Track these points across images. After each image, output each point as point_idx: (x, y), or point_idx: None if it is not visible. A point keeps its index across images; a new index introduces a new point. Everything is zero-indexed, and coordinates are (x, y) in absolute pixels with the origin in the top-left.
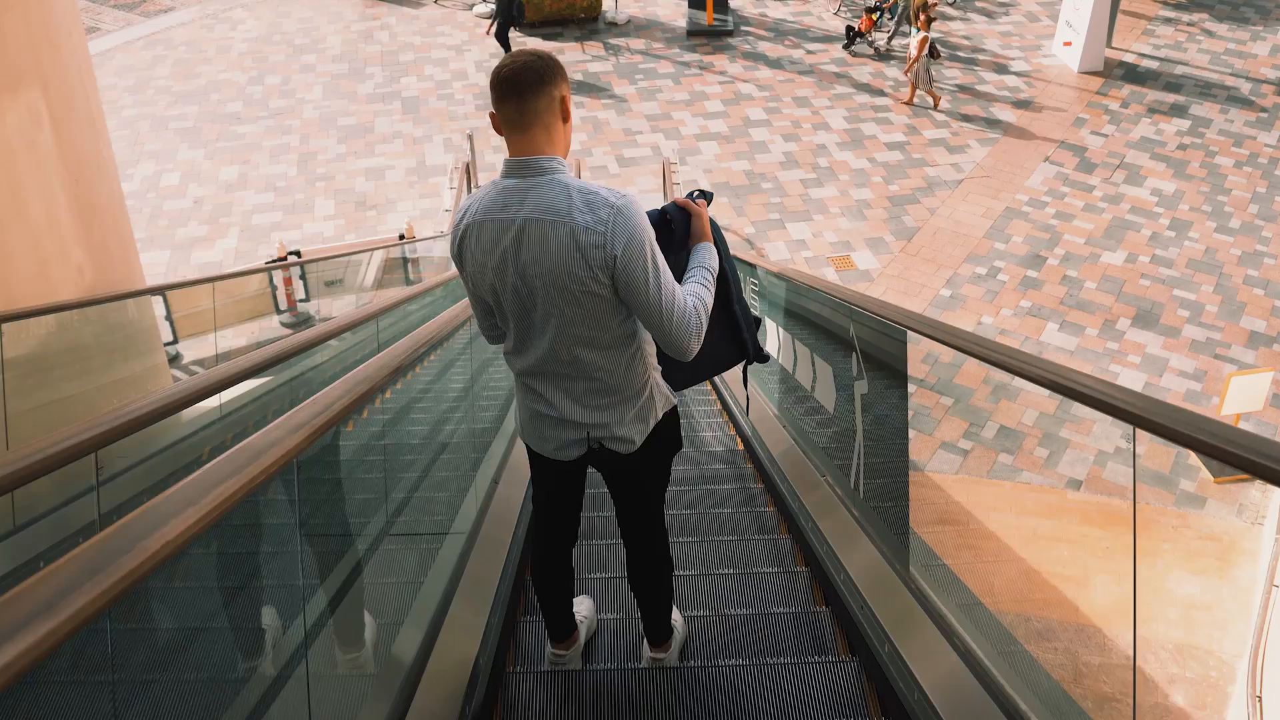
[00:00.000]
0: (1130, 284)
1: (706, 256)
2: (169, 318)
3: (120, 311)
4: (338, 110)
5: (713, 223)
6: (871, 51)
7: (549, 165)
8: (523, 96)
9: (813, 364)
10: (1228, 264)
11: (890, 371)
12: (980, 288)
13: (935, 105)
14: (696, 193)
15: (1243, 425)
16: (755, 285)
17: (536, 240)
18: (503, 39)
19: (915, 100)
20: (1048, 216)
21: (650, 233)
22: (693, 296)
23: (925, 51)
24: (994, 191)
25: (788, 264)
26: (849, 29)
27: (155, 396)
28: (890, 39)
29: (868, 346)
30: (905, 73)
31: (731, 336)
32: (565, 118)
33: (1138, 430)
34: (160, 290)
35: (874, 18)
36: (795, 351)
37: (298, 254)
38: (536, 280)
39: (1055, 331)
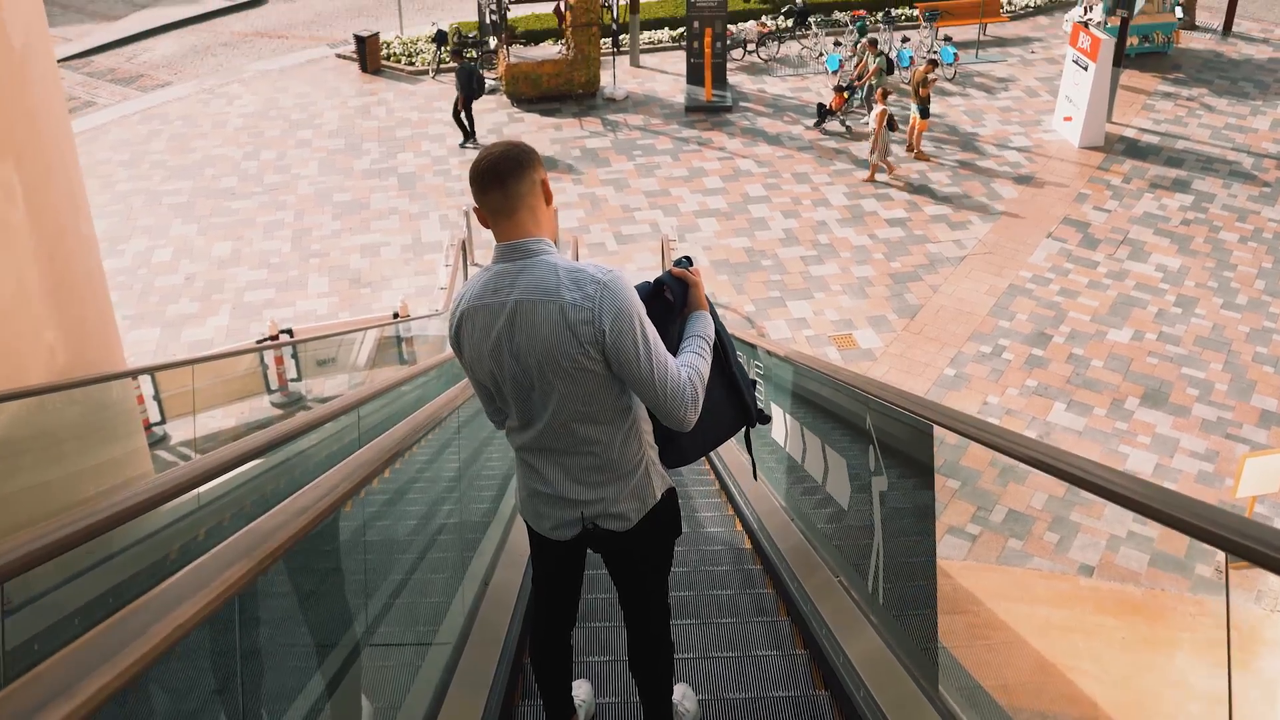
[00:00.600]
0: (1138, 362)
1: (702, 325)
2: (157, 397)
3: (98, 393)
4: (333, 186)
5: None
6: (843, 130)
7: (537, 247)
8: (505, 183)
9: (824, 454)
10: (1236, 341)
11: (914, 468)
12: (985, 367)
13: (889, 173)
14: (685, 260)
15: (1259, 508)
16: (759, 368)
17: (528, 320)
18: (467, 113)
19: (877, 178)
20: (1052, 293)
21: (639, 306)
22: (688, 368)
23: (884, 125)
24: (997, 268)
25: (788, 343)
26: (820, 106)
27: (118, 499)
28: (844, 120)
29: (887, 438)
30: (870, 152)
31: (732, 400)
32: (548, 200)
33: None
34: (135, 373)
35: (845, 96)
36: (804, 440)
37: (290, 332)
38: (531, 360)
39: (1063, 411)
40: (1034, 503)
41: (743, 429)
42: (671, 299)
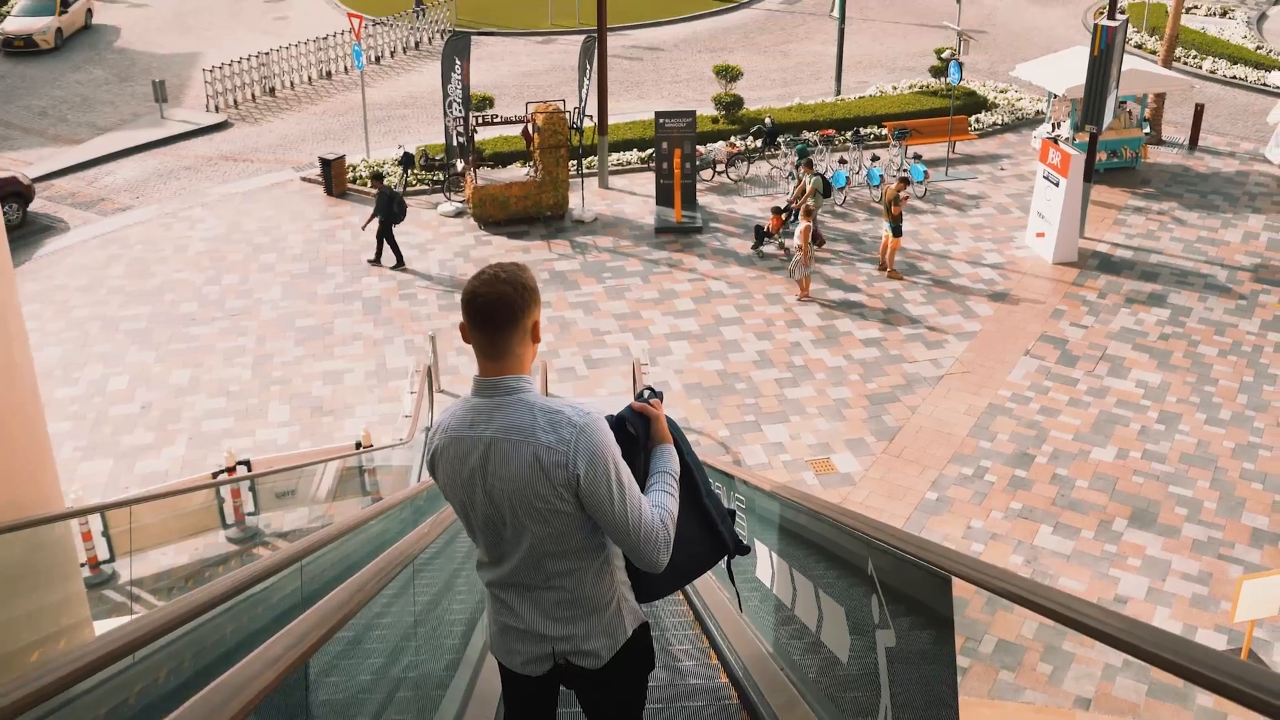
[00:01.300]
0: (1123, 481)
1: (668, 460)
2: (105, 534)
3: (31, 535)
4: (296, 311)
5: (669, 419)
6: (782, 252)
7: (516, 385)
8: (495, 331)
9: (817, 600)
10: (1222, 457)
11: (928, 623)
12: (968, 489)
13: (802, 292)
14: (646, 392)
15: (1259, 632)
16: (740, 501)
17: (502, 460)
18: (388, 237)
19: (809, 294)
20: (1032, 412)
21: (614, 449)
22: (659, 509)
23: (809, 239)
24: (976, 387)
25: (765, 469)
26: (758, 229)
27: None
28: (783, 242)
29: (894, 588)
30: (804, 263)
31: (708, 533)
32: (535, 340)
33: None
34: (69, 516)
35: (782, 218)
36: (794, 583)
37: (247, 464)
38: (503, 499)
39: (1049, 535)
40: (1024, 631)
41: (722, 560)
42: (635, 433)
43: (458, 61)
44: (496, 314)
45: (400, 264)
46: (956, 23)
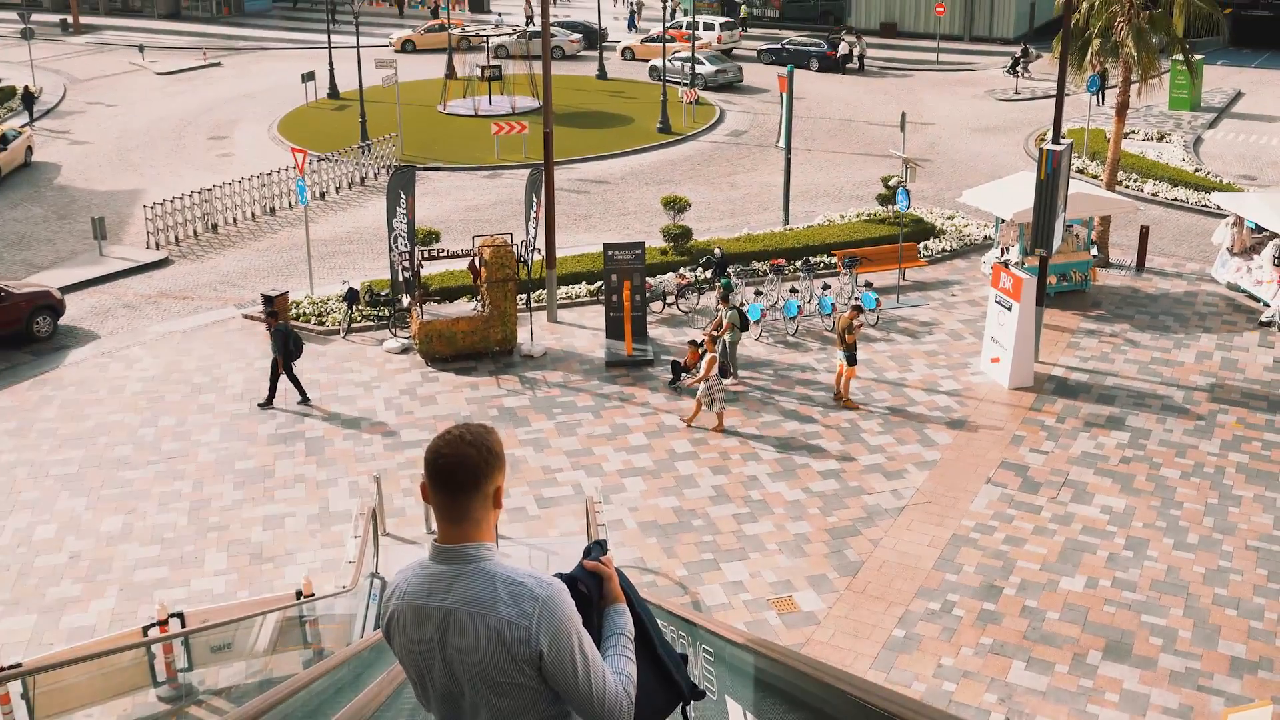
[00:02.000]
0: (1095, 611)
1: (622, 621)
2: (25, 697)
3: None
4: (235, 453)
5: (618, 570)
6: (693, 381)
7: (476, 553)
8: (455, 495)
9: None
10: (1194, 584)
11: None
12: (935, 625)
13: (718, 425)
14: (596, 549)
15: None
16: (708, 654)
17: (461, 633)
18: (288, 374)
19: (695, 423)
20: (998, 542)
21: (577, 621)
22: (621, 675)
23: (715, 371)
24: (938, 518)
25: (725, 609)
26: (674, 364)
27: None
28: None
29: None
30: (713, 396)
31: (663, 683)
32: (497, 505)
33: None
34: None
35: (700, 351)
36: None
37: (181, 616)
38: (462, 673)
39: (1022, 670)
40: None
41: (679, 708)
42: (587, 592)
43: (403, 195)
44: (458, 476)
45: (305, 399)
46: (902, 150)
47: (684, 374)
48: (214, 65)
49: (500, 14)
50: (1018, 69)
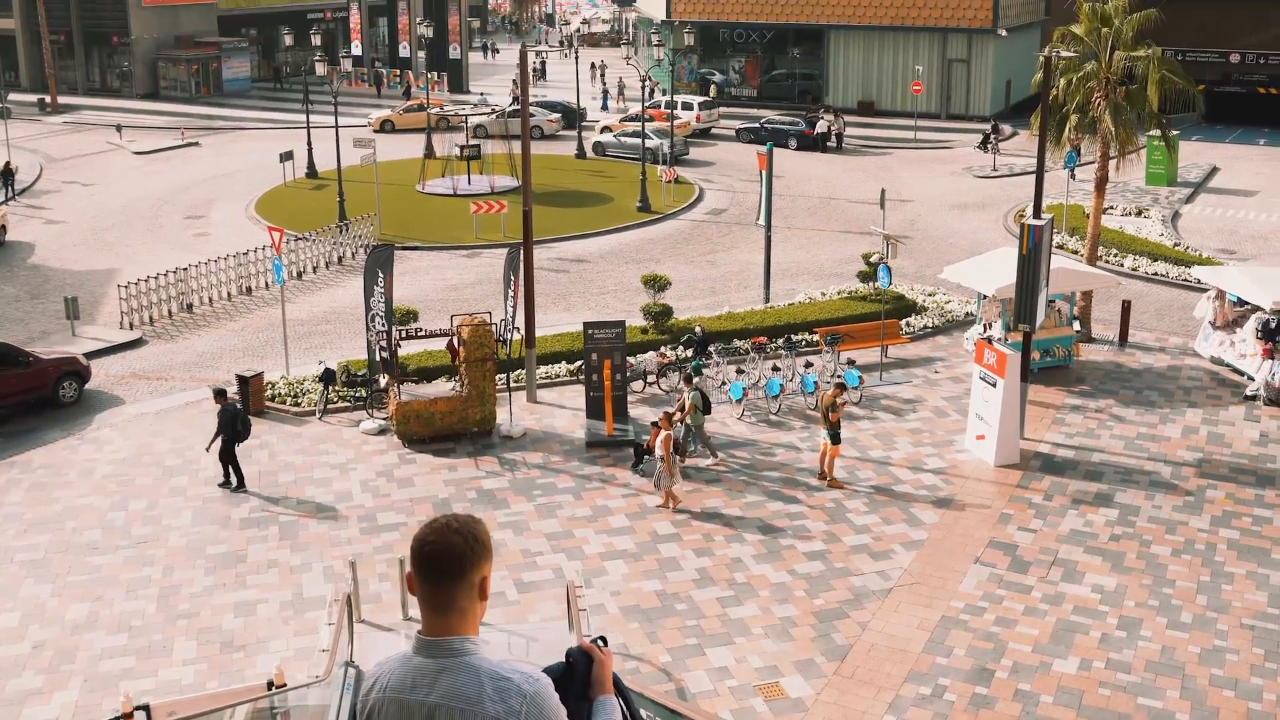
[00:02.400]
0: (1089, 694)
1: (611, 712)
2: None
3: None
4: (207, 537)
5: (615, 675)
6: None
7: (461, 647)
8: (440, 584)
9: None
10: (1189, 664)
11: None
12: (927, 711)
13: (674, 506)
14: (600, 640)
15: None
16: None
17: None
18: (229, 458)
19: (677, 506)
20: (988, 623)
21: (563, 716)
22: None
23: (670, 448)
24: (927, 600)
25: (710, 697)
26: (637, 448)
27: None
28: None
29: None
30: (668, 474)
31: None
32: (483, 596)
33: None
34: None
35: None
36: None
37: (146, 709)
38: None
39: None
40: None
41: None
42: (573, 662)
43: (380, 274)
44: (444, 564)
45: (240, 485)
46: (882, 226)
47: (647, 456)
48: (192, 145)
49: (483, 93)
50: (988, 145)
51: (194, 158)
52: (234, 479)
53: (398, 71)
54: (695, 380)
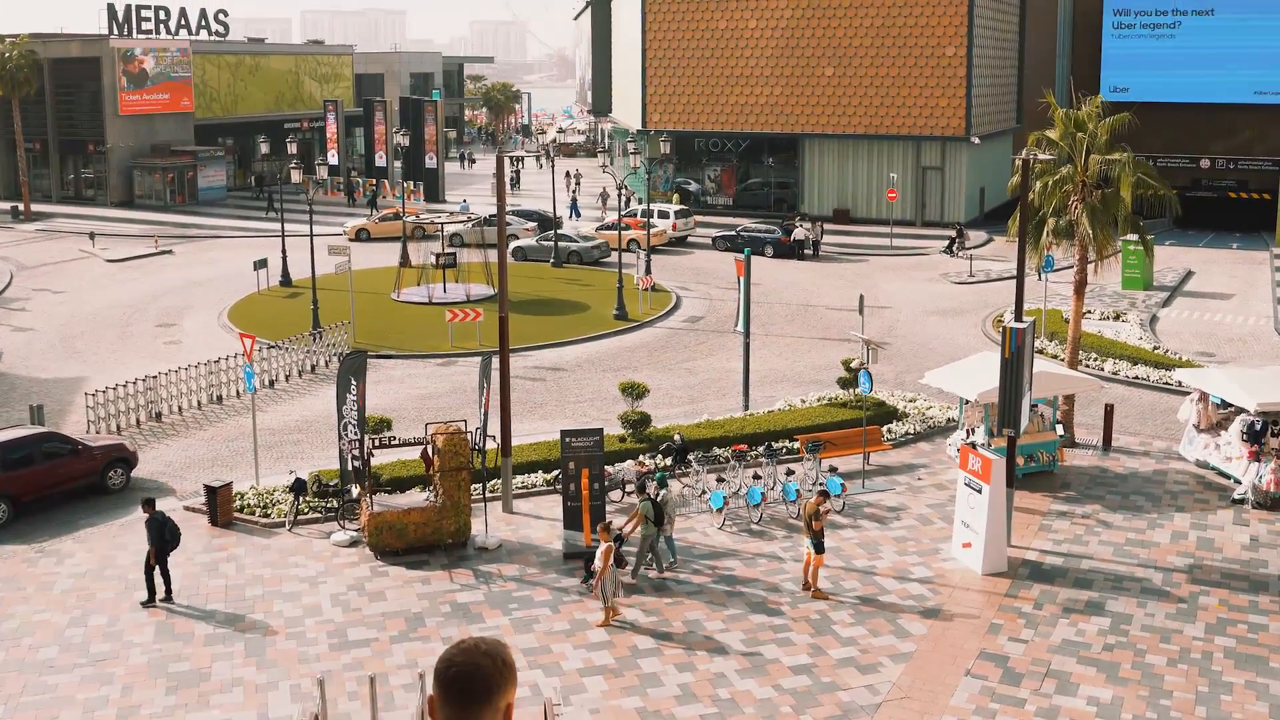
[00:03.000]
0: None
1: None
2: None
3: None
4: (170, 654)
5: None
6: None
7: None
8: (466, 709)
9: None
10: None
11: None
12: None
13: (611, 618)
14: None
15: None
16: None
17: None
18: (162, 567)
19: (614, 619)
20: None
21: None
22: None
23: (611, 561)
24: (918, 715)
25: None
26: (587, 561)
27: None
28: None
29: None
30: (593, 592)
31: None
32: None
33: None
34: None
35: (614, 546)
36: None
37: None
38: None
39: None
40: None
41: None
42: None
43: (354, 381)
44: (471, 686)
45: (169, 597)
46: (861, 332)
47: (590, 576)
48: (165, 253)
49: (465, 199)
50: (953, 249)
51: (167, 266)
52: (160, 590)
53: (373, 180)
54: (649, 489)
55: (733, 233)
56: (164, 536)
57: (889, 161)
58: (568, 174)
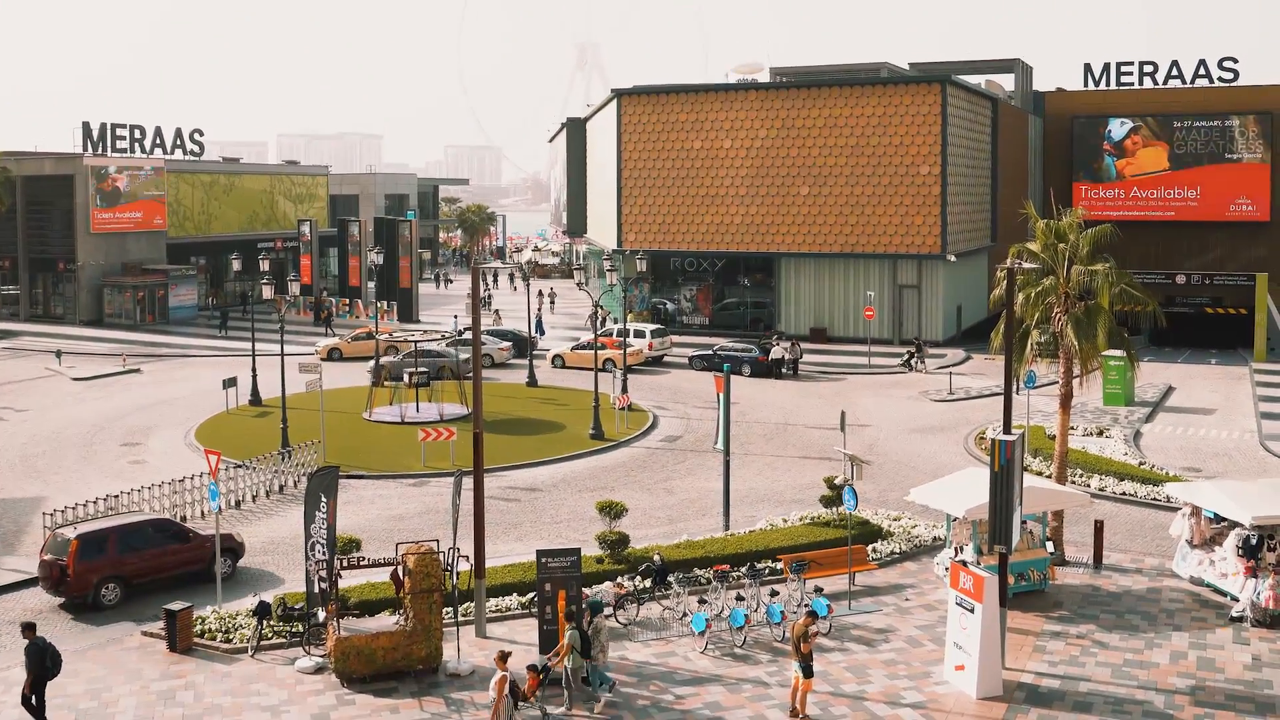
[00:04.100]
0: None
1: None
2: None
3: None
4: None
5: None
6: (541, 715)
7: None
8: None
9: None
10: None
11: None
12: None
13: None
14: None
15: None
16: None
17: None
18: (38, 696)
19: None
20: None
21: None
22: None
23: (506, 690)
24: None
25: None
26: (513, 685)
27: None
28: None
29: None
30: (497, 715)
31: None
32: None
33: None
34: None
35: (539, 676)
36: None
37: None
38: None
39: None
40: None
41: None
42: None
43: (323, 499)
44: None
45: None
46: (844, 446)
47: (522, 703)
48: (133, 372)
49: (456, 315)
50: (912, 363)
51: (135, 385)
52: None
53: (346, 300)
54: (583, 616)
55: (709, 352)
56: (44, 663)
57: (865, 280)
58: (540, 293)
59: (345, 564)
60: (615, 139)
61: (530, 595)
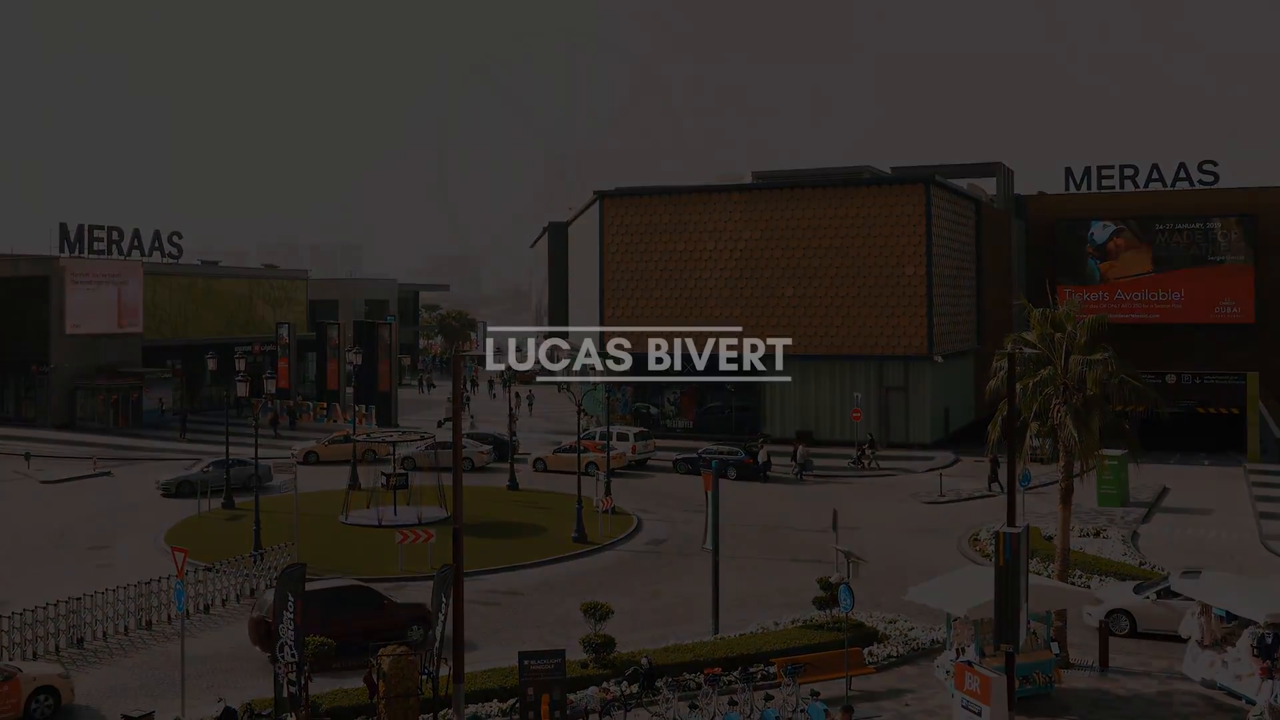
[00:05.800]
0: None
1: None
2: None
3: None
4: None
5: None
6: None
7: None
8: None
9: None
10: None
11: None
12: None
13: None
14: None
15: None
16: None
17: None
18: None
19: None
20: None
21: None
22: None
23: None
24: None
25: None
26: None
27: None
28: None
29: None
30: None
31: None
32: None
33: None
34: None
35: None
36: None
37: None
38: None
39: None
40: None
41: None
42: None
43: (291, 598)
44: None
45: None
46: (836, 543)
47: None
48: (104, 475)
49: (443, 420)
50: (862, 461)
51: (105, 488)
52: None
53: (324, 404)
54: None
55: (694, 455)
56: None
57: (851, 382)
58: (517, 395)
59: (313, 669)
60: (598, 240)
61: (512, 701)
